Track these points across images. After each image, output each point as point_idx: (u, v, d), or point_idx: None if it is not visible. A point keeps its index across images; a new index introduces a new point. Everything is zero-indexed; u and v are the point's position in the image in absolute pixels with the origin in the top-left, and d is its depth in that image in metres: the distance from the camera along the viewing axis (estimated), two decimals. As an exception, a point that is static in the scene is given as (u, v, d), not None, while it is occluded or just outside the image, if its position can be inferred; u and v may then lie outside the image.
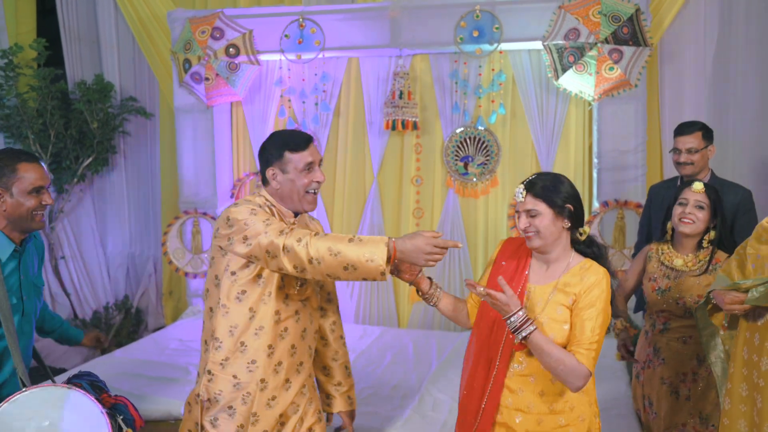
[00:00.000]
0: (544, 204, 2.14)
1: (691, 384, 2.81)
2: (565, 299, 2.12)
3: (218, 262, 2.26)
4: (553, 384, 2.15)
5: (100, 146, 5.56)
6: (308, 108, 5.18)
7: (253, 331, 2.26)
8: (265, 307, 2.26)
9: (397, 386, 3.76)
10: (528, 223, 2.15)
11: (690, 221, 2.78)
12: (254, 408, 2.28)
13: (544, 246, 2.17)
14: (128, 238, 5.99)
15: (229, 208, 2.24)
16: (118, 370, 3.86)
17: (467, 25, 4.69)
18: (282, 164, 2.29)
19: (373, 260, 2.01)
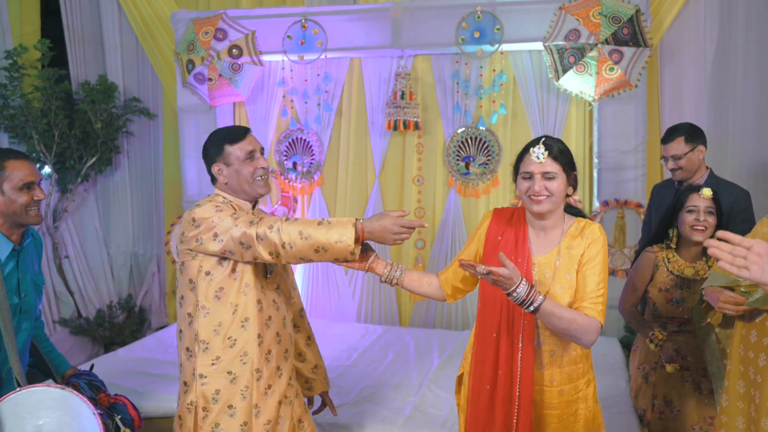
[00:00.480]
0: (560, 167, 2.14)
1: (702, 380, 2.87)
2: (572, 264, 2.14)
3: (190, 266, 2.28)
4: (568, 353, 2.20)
5: (104, 146, 5.59)
6: (310, 108, 5.21)
7: (239, 324, 2.29)
8: (246, 299, 2.30)
9: (398, 384, 3.79)
10: (543, 186, 2.12)
11: (703, 228, 2.78)
12: (254, 400, 2.30)
13: (551, 211, 2.15)
14: (131, 237, 6.02)
15: (192, 210, 2.27)
16: (121, 368, 3.91)
17: (468, 26, 4.71)
18: (224, 158, 2.35)
19: (342, 241, 2.12)
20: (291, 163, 5.33)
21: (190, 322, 2.29)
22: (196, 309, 2.28)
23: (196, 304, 2.27)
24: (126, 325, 5.74)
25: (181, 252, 2.30)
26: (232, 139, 2.35)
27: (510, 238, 2.24)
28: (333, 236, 2.13)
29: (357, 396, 3.61)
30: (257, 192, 2.38)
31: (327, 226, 2.16)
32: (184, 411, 2.30)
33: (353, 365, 4.14)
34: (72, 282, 5.77)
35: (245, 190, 2.36)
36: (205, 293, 2.27)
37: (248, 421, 2.29)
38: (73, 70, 5.81)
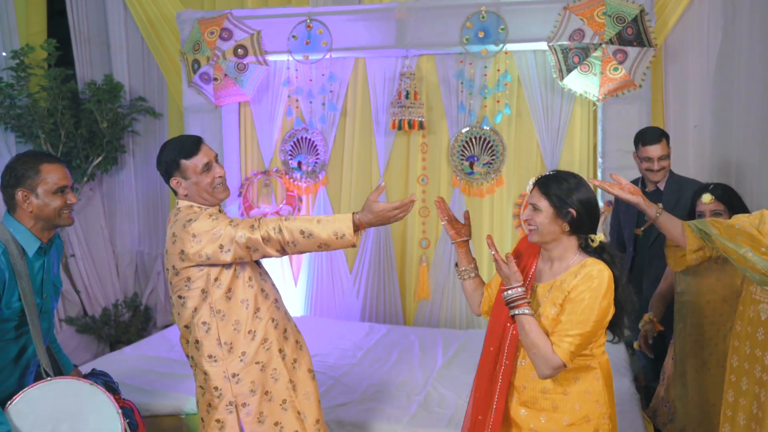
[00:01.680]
0: (546, 201, 2.15)
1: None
2: (559, 297, 2.13)
3: (198, 278, 2.35)
4: (555, 382, 2.15)
5: (110, 146, 5.62)
6: (315, 108, 5.22)
7: (254, 316, 2.42)
8: (252, 291, 2.43)
9: (403, 383, 3.81)
10: (530, 216, 2.19)
11: None
12: (287, 377, 2.46)
13: (541, 242, 2.20)
14: (137, 236, 6.05)
15: (186, 226, 2.32)
16: (128, 367, 3.93)
17: (473, 26, 4.72)
18: (181, 172, 2.41)
19: (344, 236, 2.28)
20: (296, 162, 5.35)
21: (207, 329, 2.37)
22: (211, 316, 2.37)
23: (210, 311, 2.36)
24: (131, 324, 5.77)
25: (183, 269, 2.35)
26: (187, 153, 2.40)
27: (522, 262, 2.31)
28: (334, 232, 2.27)
29: (362, 394, 3.63)
30: (218, 198, 2.46)
31: (326, 223, 2.28)
32: (223, 415, 2.38)
33: (358, 364, 4.16)
34: (78, 280, 5.80)
35: (206, 198, 2.44)
36: (217, 300, 2.37)
37: (286, 398, 2.46)
38: (80, 70, 5.83)
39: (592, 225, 2.19)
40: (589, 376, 2.17)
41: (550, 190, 2.16)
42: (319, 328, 4.76)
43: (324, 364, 4.08)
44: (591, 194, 2.18)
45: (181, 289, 2.38)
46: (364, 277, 5.28)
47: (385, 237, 5.19)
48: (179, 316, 2.44)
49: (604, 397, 2.18)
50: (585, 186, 2.18)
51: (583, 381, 2.16)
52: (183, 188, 2.42)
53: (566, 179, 2.18)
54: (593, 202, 2.18)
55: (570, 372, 2.15)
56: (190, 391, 3.52)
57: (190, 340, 2.43)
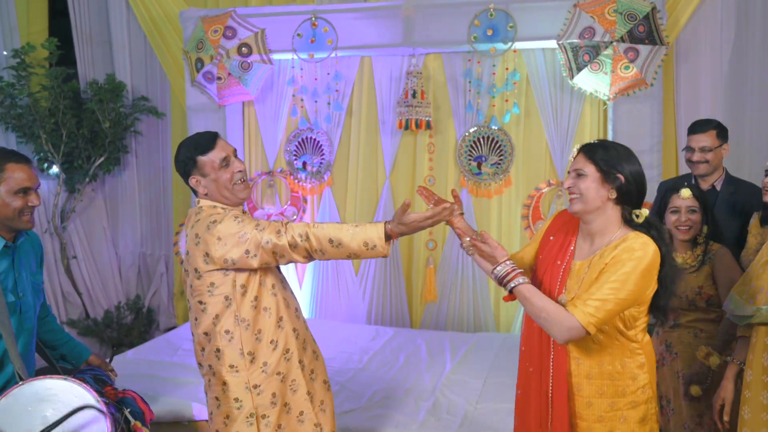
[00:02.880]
0: (592, 166, 2.05)
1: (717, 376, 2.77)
2: (596, 273, 2.03)
3: (223, 283, 2.26)
4: (600, 368, 2.09)
5: (112, 146, 5.56)
6: (320, 107, 5.15)
7: (276, 325, 2.34)
8: (275, 299, 2.35)
9: (410, 388, 3.73)
10: (572, 183, 2.08)
11: (686, 228, 2.85)
12: (306, 388, 2.39)
13: (584, 212, 2.08)
14: (140, 237, 5.99)
15: (211, 228, 2.21)
16: (129, 371, 3.84)
17: (481, 24, 4.64)
18: (199, 169, 2.32)
19: (375, 247, 2.18)
20: (301, 162, 5.28)
21: (230, 339, 2.28)
22: (235, 325, 2.28)
23: (234, 319, 2.28)
24: (134, 326, 5.71)
25: (207, 273, 2.25)
26: (203, 149, 2.32)
27: (559, 239, 2.22)
28: (365, 242, 2.19)
29: (369, 401, 3.55)
30: (238, 197, 2.37)
31: (356, 232, 2.20)
32: (242, 427, 2.29)
33: (364, 368, 4.08)
34: (80, 283, 5.74)
35: (226, 196, 2.35)
36: (243, 307, 2.29)
37: (304, 409, 2.39)
38: (81, 69, 5.77)
39: (639, 198, 2.08)
40: (634, 362, 2.10)
41: (597, 155, 2.07)
42: (324, 331, 4.66)
43: (330, 369, 3.95)
44: (640, 167, 2.08)
45: (203, 294, 2.28)
46: (370, 280, 5.21)
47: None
48: (197, 321, 2.33)
49: (648, 381, 2.13)
50: (634, 157, 2.09)
51: (629, 367, 2.10)
52: (203, 187, 2.33)
53: (615, 147, 2.10)
54: (642, 174, 2.08)
55: (616, 357, 2.08)
56: (192, 396, 3.45)
57: (208, 348, 2.32)
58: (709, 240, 2.86)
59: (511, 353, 4.21)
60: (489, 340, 4.60)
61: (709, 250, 2.83)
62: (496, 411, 3.36)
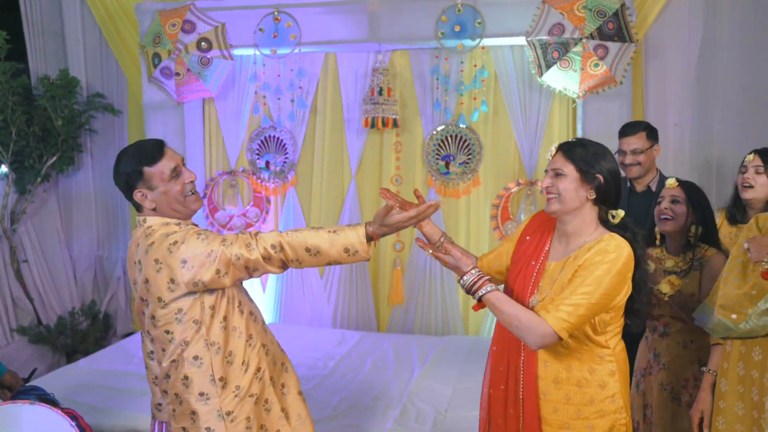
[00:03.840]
0: (571, 166, 2.02)
1: (693, 390, 2.68)
2: (569, 274, 1.98)
3: (192, 308, 2.05)
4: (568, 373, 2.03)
5: (65, 144, 5.33)
6: (284, 105, 5.00)
7: (246, 344, 2.16)
8: (243, 316, 2.17)
9: (378, 396, 3.61)
10: (551, 183, 2.04)
11: (667, 218, 2.70)
12: (280, 404, 2.23)
13: (562, 212, 2.04)
14: (96, 240, 5.76)
15: (173, 250, 2.01)
16: (81, 382, 3.66)
17: (448, 20, 4.54)
18: (146, 182, 2.09)
19: (357, 252, 2.05)
20: (263, 162, 5.13)
21: (200, 365, 2.07)
22: (206, 349, 2.07)
23: (205, 344, 2.07)
24: (90, 333, 5.48)
25: (173, 301, 2.04)
26: (149, 159, 2.09)
27: (535, 239, 2.17)
28: (343, 248, 2.05)
29: (334, 410, 3.42)
30: (191, 209, 2.17)
31: (334, 237, 2.05)
32: None
33: (330, 375, 3.96)
34: (31, 288, 5.47)
35: (177, 210, 2.14)
36: (212, 330, 2.09)
37: (280, 428, 2.22)
38: (32, 64, 5.51)
39: (616, 198, 2.06)
40: (604, 369, 2.03)
41: (576, 154, 2.03)
42: (288, 337, 4.49)
43: (293, 376, 3.86)
44: (617, 165, 2.07)
45: (170, 323, 2.05)
46: (335, 282, 5.09)
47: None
48: (163, 353, 2.10)
49: (619, 390, 2.05)
50: (611, 155, 2.06)
51: (598, 374, 2.03)
52: (150, 201, 2.10)
53: (593, 145, 2.06)
54: (619, 174, 2.06)
55: (584, 363, 2.02)
56: (147, 410, 3.26)
57: (174, 375, 2.10)
58: (704, 243, 2.69)
59: (480, 358, 4.08)
60: (457, 343, 4.51)
61: (703, 255, 2.67)
62: (465, 419, 3.26)
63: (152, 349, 2.17)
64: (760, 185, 2.78)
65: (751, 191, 2.78)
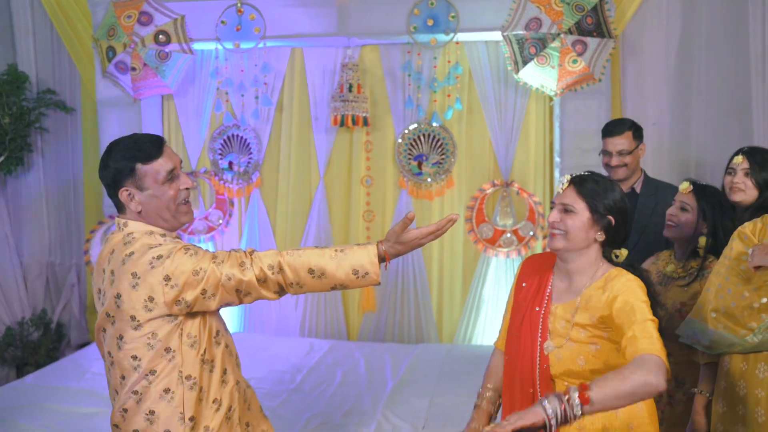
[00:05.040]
0: (584, 203, 1.88)
1: (666, 407, 2.56)
2: (588, 318, 1.84)
3: (168, 333, 1.80)
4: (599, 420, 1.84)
5: (13, 144, 5.01)
6: (247, 102, 4.76)
7: (220, 381, 1.90)
8: (220, 348, 1.91)
9: (350, 411, 3.40)
10: (559, 218, 1.89)
11: (672, 224, 2.59)
12: None
13: (566, 251, 1.90)
14: (47, 245, 5.43)
15: (154, 266, 1.77)
16: (27, 401, 3.38)
17: (421, 13, 4.36)
18: (136, 180, 1.85)
19: (367, 274, 1.83)
20: (226, 162, 4.89)
21: (170, 399, 1.81)
22: (179, 384, 1.81)
23: (179, 377, 1.81)
24: (41, 344, 5.16)
25: (149, 321, 1.79)
26: (147, 156, 1.85)
27: (533, 284, 2.01)
28: (352, 270, 1.82)
29: (303, 428, 3.21)
30: (180, 221, 1.92)
31: (341, 257, 1.83)
32: None
33: (298, 389, 3.73)
34: (-23, 296, 5.15)
35: (165, 218, 1.89)
36: (191, 362, 1.83)
37: None
38: (-23, 59, 5.19)
39: (624, 237, 1.96)
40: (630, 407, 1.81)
41: (588, 190, 1.89)
42: (253, 347, 4.30)
43: (259, 391, 3.57)
44: (627, 203, 1.96)
45: (140, 347, 1.80)
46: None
47: (326, 243, 4.78)
48: (122, 381, 1.83)
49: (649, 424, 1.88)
50: (621, 192, 1.95)
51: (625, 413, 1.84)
52: (136, 203, 1.86)
53: (602, 180, 1.95)
54: (630, 213, 1.97)
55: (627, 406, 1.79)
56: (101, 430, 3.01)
57: (134, 410, 1.82)
58: (711, 254, 2.54)
59: (456, 367, 3.96)
60: (432, 352, 4.32)
61: (707, 267, 2.52)
62: (444, 436, 3.06)
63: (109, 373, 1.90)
64: (749, 188, 2.65)
65: (741, 194, 2.66)
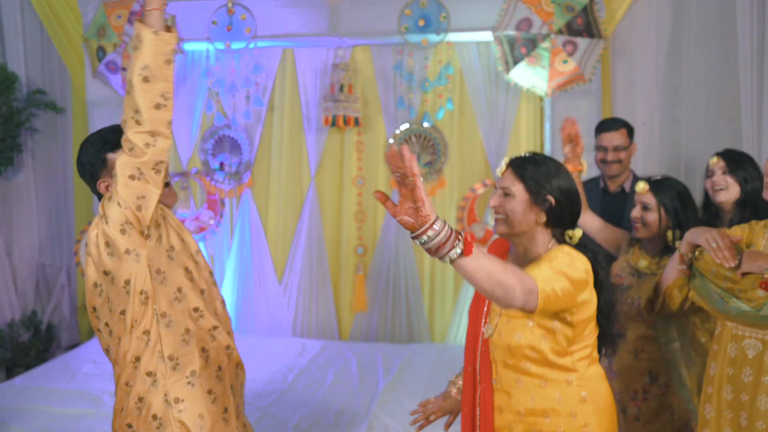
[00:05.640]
0: (521, 185, 1.85)
1: (642, 403, 2.59)
2: None
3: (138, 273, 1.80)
4: (533, 402, 1.84)
5: (3, 144, 4.99)
6: (239, 102, 4.77)
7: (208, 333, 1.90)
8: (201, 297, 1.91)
9: (341, 411, 3.41)
10: (498, 203, 1.87)
11: (639, 225, 2.61)
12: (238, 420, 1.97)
13: (509, 235, 1.88)
14: (37, 246, 5.42)
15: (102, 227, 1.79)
16: (17, 403, 3.36)
17: (412, 13, 4.38)
18: (109, 170, 1.89)
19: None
20: (218, 162, 4.89)
21: (147, 341, 1.81)
22: (154, 321, 1.81)
23: (153, 315, 1.81)
24: (31, 345, 5.14)
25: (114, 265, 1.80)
26: (111, 145, 1.89)
27: None
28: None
29: (295, 428, 3.21)
30: (163, 202, 1.93)
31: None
32: None
33: (290, 389, 3.73)
34: (-33, 297, 5.13)
35: None
36: (164, 298, 1.83)
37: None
38: (-34, 59, 5.17)
39: (572, 219, 1.91)
40: (571, 395, 1.84)
41: (527, 172, 1.86)
42: (245, 347, 4.20)
43: (251, 391, 3.60)
44: (573, 183, 1.91)
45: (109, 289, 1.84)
46: (294, 288, 4.87)
47: (318, 244, 4.80)
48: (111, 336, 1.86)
49: (594, 421, 1.84)
50: (566, 173, 1.91)
51: (566, 403, 1.83)
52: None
53: (545, 162, 1.91)
54: (575, 193, 1.90)
55: (549, 390, 1.82)
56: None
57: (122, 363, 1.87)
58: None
59: (448, 366, 3.95)
60: (424, 351, 4.33)
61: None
62: (435, 435, 3.06)
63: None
64: (731, 185, 2.69)
65: (724, 193, 2.70)
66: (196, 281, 1.90)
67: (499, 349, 1.87)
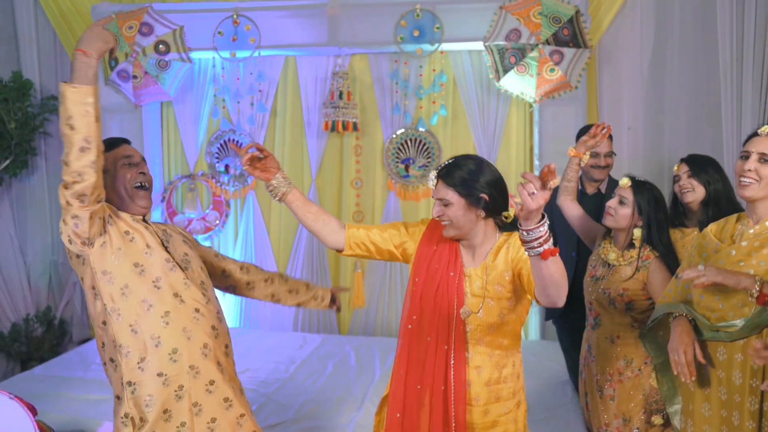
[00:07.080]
0: (454, 193, 2.03)
1: (617, 385, 2.78)
2: (500, 277, 2.06)
3: (85, 274, 2.06)
4: (498, 371, 2.12)
5: (19, 148, 5.20)
6: (243, 108, 4.98)
7: (160, 320, 2.07)
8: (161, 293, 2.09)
9: (340, 398, 3.62)
10: (441, 212, 2.06)
11: (611, 214, 2.79)
12: (193, 398, 2.10)
13: (460, 236, 2.09)
14: (51, 244, 5.62)
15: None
16: (37, 390, 3.58)
17: (407, 24, 4.59)
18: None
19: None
20: (223, 165, 5.10)
21: (105, 329, 2.07)
22: (106, 314, 2.05)
23: (103, 309, 2.05)
24: (45, 339, 5.36)
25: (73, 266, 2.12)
26: (106, 146, 2.12)
27: (444, 250, 2.16)
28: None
29: (297, 413, 3.42)
30: (137, 203, 2.16)
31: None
32: (119, 426, 2.07)
33: (291, 378, 3.95)
34: (-17, 294, 5.35)
35: (122, 196, 2.15)
36: (109, 294, 2.04)
37: (186, 421, 2.08)
38: (-17, 67, 5.38)
39: (505, 203, 2.10)
40: (519, 359, 2.19)
41: (455, 179, 2.04)
42: (250, 342, 4.53)
43: (255, 380, 3.85)
44: (496, 173, 2.08)
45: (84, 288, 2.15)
46: (296, 285, 5.05)
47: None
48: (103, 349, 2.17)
49: (522, 377, 2.22)
50: (487, 165, 2.08)
51: (516, 367, 2.18)
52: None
53: (466, 163, 2.07)
54: (501, 180, 2.08)
55: (509, 358, 2.14)
56: (106, 415, 3.23)
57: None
58: (648, 246, 2.74)
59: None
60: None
61: (645, 257, 2.73)
62: (427, 419, 3.28)
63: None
64: (696, 186, 2.89)
65: (691, 194, 2.91)
66: (147, 274, 2.10)
67: (480, 328, 2.07)
